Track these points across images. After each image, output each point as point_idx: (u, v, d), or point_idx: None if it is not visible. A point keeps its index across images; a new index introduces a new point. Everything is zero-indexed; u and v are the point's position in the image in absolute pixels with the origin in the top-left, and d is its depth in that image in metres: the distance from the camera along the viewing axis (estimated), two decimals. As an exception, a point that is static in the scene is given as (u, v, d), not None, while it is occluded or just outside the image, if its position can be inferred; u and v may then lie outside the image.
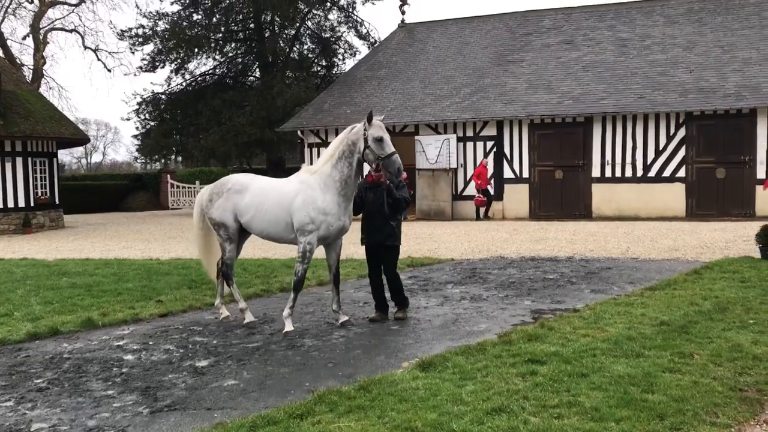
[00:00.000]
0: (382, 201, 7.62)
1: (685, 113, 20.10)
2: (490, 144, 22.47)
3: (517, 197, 22.02)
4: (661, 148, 20.52)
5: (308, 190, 7.35)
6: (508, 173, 22.29)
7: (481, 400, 4.76)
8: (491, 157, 22.40)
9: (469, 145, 22.71)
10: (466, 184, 22.74)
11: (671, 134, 20.40)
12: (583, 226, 18.73)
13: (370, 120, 7.24)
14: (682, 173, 20.31)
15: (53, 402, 5.24)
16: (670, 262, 11.41)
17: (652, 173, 20.64)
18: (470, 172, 22.60)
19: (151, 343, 7.03)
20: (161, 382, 5.64)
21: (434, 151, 22.75)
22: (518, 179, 22.09)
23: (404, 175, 7.80)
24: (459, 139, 22.72)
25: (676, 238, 14.80)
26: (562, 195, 21.53)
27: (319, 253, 8.05)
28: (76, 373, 5.98)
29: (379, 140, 7.18)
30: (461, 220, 21.93)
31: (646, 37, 23.52)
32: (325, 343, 6.74)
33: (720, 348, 5.83)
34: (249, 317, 7.77)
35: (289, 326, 7.26)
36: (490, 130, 22.41)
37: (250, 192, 7.66)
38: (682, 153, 20.31)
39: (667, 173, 20.49)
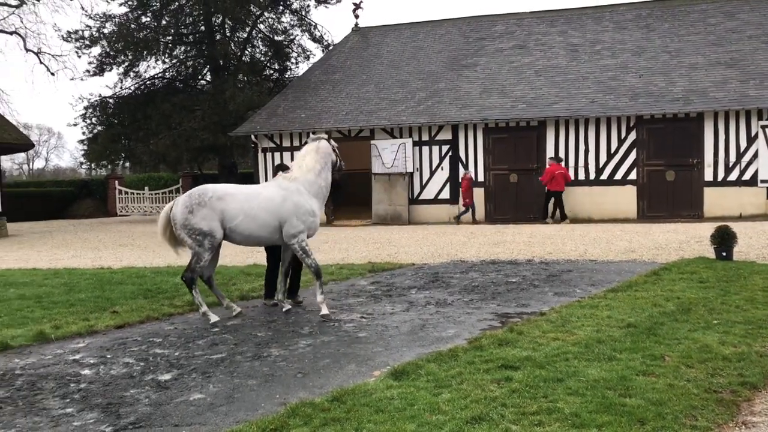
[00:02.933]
0: None
1: (636, 117, 20.51)
2: (445, 148, 22.54)
3: (474, 201, 22.07)
4: (612, 152, 20.90)
5: (295, 196, 8.17)
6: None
7: (459, 408, 4.67)
8: (447, 160, 22.49)
9: (425, 149, 22.75)
10: (423, 187, 22.76)
11: (622, 138, 20.80)
12: (538, 228, 18.90)
13: (329, 140, 8.75)
14: (633, 176, 20.72)
15: (8, 423, 4.93)
16: (628, 264, 11.56)
17: (604, 176, 21.00)
18: (426, 176, 22.64)
19: (109, 356, 6.74)
20: (123, 398, 5.38)
21: (390, 155, 22.70)
22: (473, 183, 22.16)
23: None
24: (414, 144, 22.73)
25: (631, 240, 15.04)
26: (516, 198, 21.72)
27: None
28: (31, 391, 5.67)
29: (336, 150, 8.79)
30: (418, 224, 21.92)
31: (597, 42, 23.96)
32: (291, 353, 6.56)
33: (689, 349, 5.87)
34: (213, 318, 8.01)
35: (324, 310, 8.09)
36: (446, 134, 22.49)
37: (233, 198, 8.02)
38: (633, 156, 20.72)
39: (618, 176, 20.87)
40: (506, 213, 21.78)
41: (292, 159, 25.19)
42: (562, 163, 20.91)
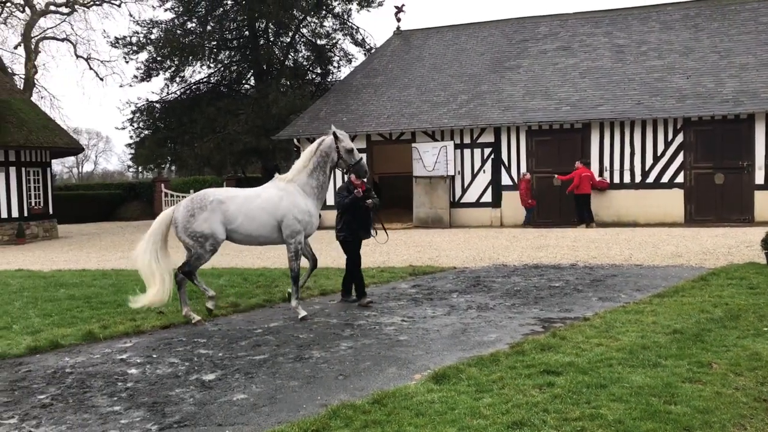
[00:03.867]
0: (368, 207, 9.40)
1: (683, 119, 20.08)
2: (487, 151, 22.40)
3: (516, 204, 21.91)
4: (659, 154, 20.50)
5: (291, 197, 8.48)
6: (506, 180, 22.21)
7: (500, 413, 4.64)
8: (489, 163, 22.35)
9: (467, 152, 22.64)
10: (464, 190, 22.66)
11: (669, 140, 20.39)
12: (582, 232, 18.65)
13: (337, 137, 8.62)
14: (680, 179, 20.28)
15: (58, 419, 5.09)
16: (674, 269, 11.32)
17: (650, 179, 20.61)
18: (467, 179, 22.54)
19: (154, 356, 6.88)
20: (168, 397, 5.49)
21: (431, 158, 22.67)
22: (516, 186, 21.99)
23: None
24: (456, 146, 22.65)
25: (678, 244, 14.73)
26: (560, 202, 21.45)
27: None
28: (80, 388, 5.82)
29: (350, 151, 8.70)
30: (459, 228, 21.83)
31: (643, 43, 23.53)
32: (333, 355, 6.61)
33: (738, 357, 5.73)
34: (195, 317, 8.38)
35: (302, 312, 8.36)
36: (488, 137, 22.35)
37: (233, 201, 8.44)
38: (680, 159, 20.29)
39: (665, 179, 20.46)
40: (550, 216, 21.53)
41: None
42: (588, 167, 20.78)
